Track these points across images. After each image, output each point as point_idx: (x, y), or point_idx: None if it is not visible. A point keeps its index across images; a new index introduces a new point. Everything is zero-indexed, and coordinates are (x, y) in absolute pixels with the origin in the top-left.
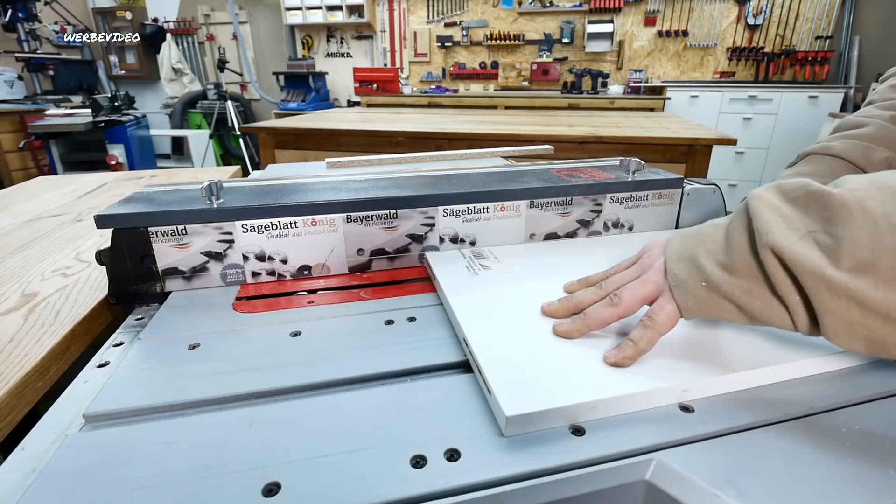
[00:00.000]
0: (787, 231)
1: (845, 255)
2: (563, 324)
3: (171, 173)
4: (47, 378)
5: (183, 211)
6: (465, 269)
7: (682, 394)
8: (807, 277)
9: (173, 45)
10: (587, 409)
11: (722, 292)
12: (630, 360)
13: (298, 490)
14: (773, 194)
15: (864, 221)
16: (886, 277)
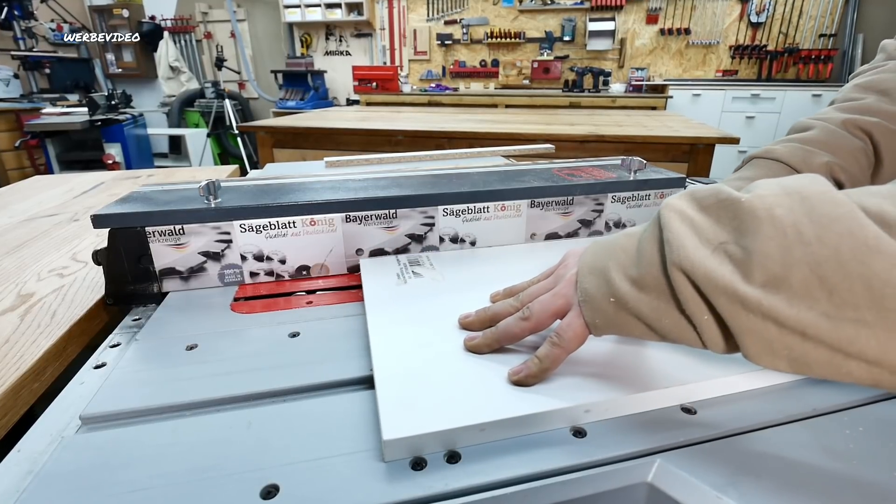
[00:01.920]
0: (698, 245)
1: (756, 268)
2: (475, 338)
3: (169, 172)
4: (44, 379)
5: (180, 210)
6: (395, 276)
7: (584, 414)
8: (719, 296)
9: (171, 44)
10: (476, 432)
11: (629, 309)
12: (534, 378)
13: (297, 492)
14: (685, 203)
15: (773, 231)
16: (799, 293)
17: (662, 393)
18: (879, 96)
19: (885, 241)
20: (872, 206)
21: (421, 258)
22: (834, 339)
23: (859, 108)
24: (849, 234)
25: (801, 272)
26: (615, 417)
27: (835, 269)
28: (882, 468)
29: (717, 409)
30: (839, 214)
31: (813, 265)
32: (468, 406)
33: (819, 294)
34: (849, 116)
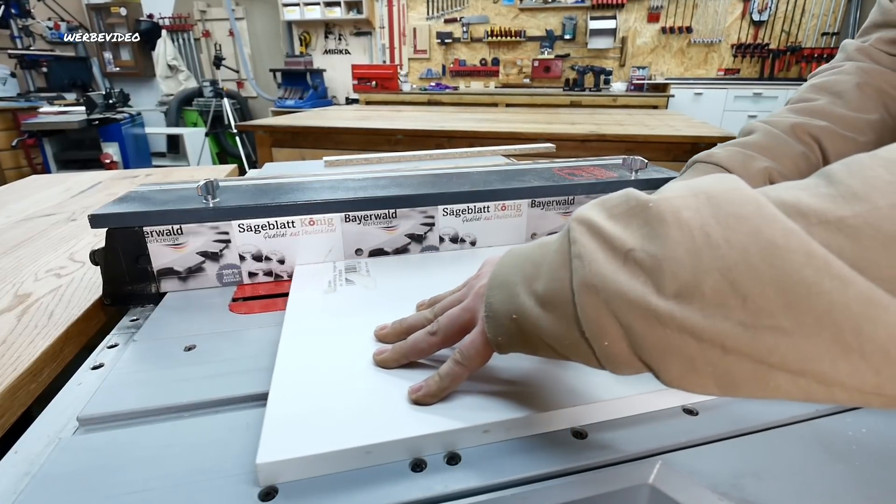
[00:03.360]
0: (607, 258)
1: (667, 277)
2: (384, 351)
3: (167, 172)
4: (41, 380)
5: (178, 210)
6: (326, 284)
7: (483, 435)
8: (632, 312)
9: (169, 42)
10: (362, 454)
11: (531, 328)
12: (432, 398)
13: (296, 494)
14: (595, 212)
15: (681, 236)
16: (713, 301)
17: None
18: (832, 98)
19: (796, 237)
20: (789, 198)
21: (359, 264)
22: (754, 350)
23: (811, 111)
24: (756, 232)
25: (711, 278)
26: (616, 418)
27: (745, 273)
28: (885, 469)
29: (719, 410)
30: (746, 213)
31: (723, 270)
32: (358, 427)
33: (733, 301)
34: (798, 121)
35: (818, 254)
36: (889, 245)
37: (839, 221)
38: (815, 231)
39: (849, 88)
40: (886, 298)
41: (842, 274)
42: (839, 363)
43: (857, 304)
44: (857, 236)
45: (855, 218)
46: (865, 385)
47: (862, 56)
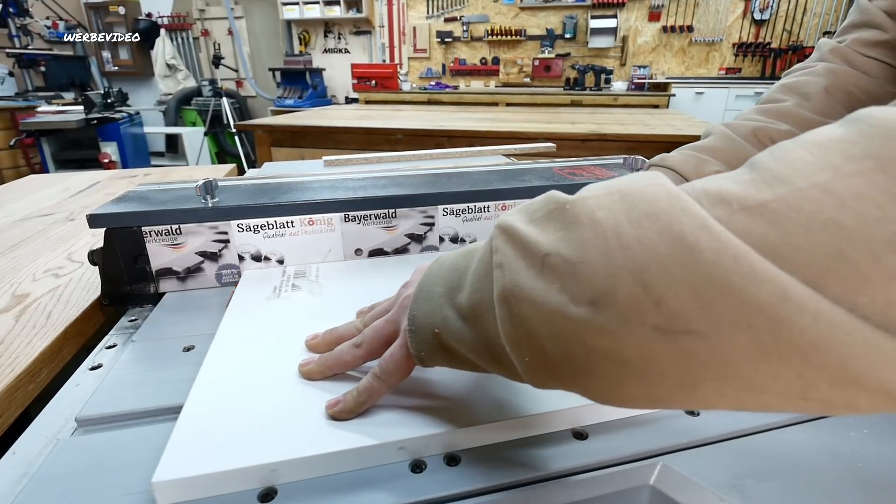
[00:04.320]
0: (525, 266)
1: (582, 284)
2: (309, 363)
3: (165, 172)
4: (39, 381)
5: (177, 210)
6: (271, 290)
7: (398, 452)
8: (551, 324)
9: (167, 41)
10: (266, 472)
11: (453, 342)
12: (348, 414)
13: (295, 496)
14: (517, 217)
15: (594, 237)
16: (628, 307)
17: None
18: (800, 100)
19: (707, 232)
20: (712, 188)
21: (309, 269)
22: (674, 358)
23: (776, 112)
24: (667, 230)
25: (625, 282)
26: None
27: (657, 275)
28: (887, 471)
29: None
30: (658, 209)
31: (635, 272)
32: (268, 443)
33: (647, 306)
34: (760, 125)
35: (728, 250)
36: (811, 227)
37: (761, 206)
38: (737, 218)
39: (816, 91)
40: (804, 293)
41: (755, 270)
42: (761, 367)
43: (771, 302)
44: (778, 220)
45: (776, 201)
46: (790, 390)
47: (835, 57)
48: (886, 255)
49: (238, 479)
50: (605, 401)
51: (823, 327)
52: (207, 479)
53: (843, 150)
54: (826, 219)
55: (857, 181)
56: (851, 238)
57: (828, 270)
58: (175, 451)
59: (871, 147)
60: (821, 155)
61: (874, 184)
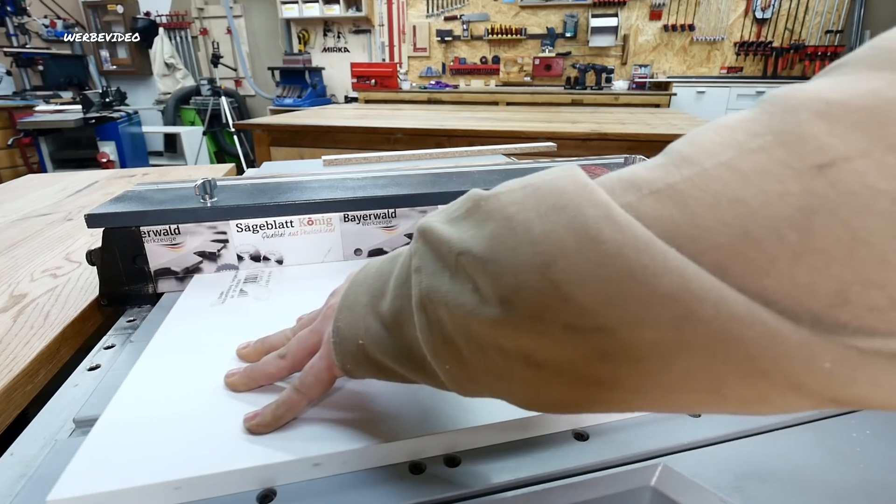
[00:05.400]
0: (440, 269)
1: (491, 282)
2: (235, 374)
3: (164, 171)
4: (37, 381)
5: (176, 210)
6: (218, 294)
7: (313, 469)
8: (465, 329)
9: (166, 40)
10: (169, 490)
11: (378, 353)
12: (265, 428)
13: (295, 498)
14: (438, 217)
15: (504, 234)
16: (537, 305)
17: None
18: None
19: (609, 223)
20: (626, 174)
21: (262, 274)
22: (587, 358)
23: None
24: (572, 223)
25: (533, 279)
26: (618, 420)
27: (564, 270)
28: (889, 472)
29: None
30: (566, 201)
31: (543, 268)
32: (179, 458)
33: (556, 303)
34: None
35: (630, 240)
36: (717, 206)
37: (669, 188)
38: (646, 202)
39: None
40: (706, 283)
41: (656, 261)
42: (671, 365)
43: (672, 294)
44: (685, 201)
45: (683, 182)
46: (704, 387)
47: None
48: (789, 233)
49: (140, 498)
50: (529, 406)
51: (725, 319)
52: (108, 497)
53: (747, 128)
54: (731, 197)
55: (759, 157)
56: (755, 216)
57: (734, 251)
58: (80, 466)
59: (771, 122)
60: (726, 135)
61: (775, 158)
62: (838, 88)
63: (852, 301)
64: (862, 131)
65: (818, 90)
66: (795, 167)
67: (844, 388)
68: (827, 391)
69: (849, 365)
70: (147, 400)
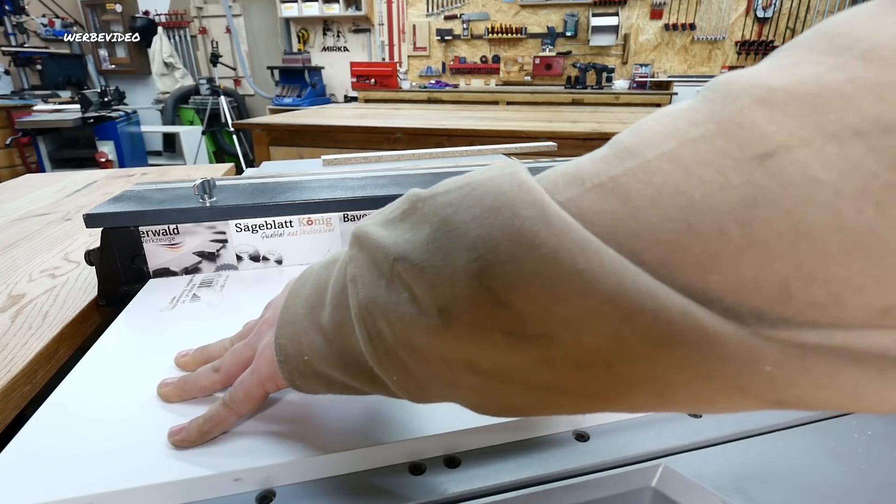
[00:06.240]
0: (375, 276)
1: (428, 291)
2: (168, 384)
3: (163, 171)
4: (35, 382)
5: (175, 210)
6: (170, 299)
7: (234, 484)
8: (402, 340)
9: (165, 39)
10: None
11: (325, 368)
12: (190, 443)
13: (295, 498)
14: (374, 220)
15: (440, 238)
16: (476, 314)
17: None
18: None
19: (546, 225)
20: (569, 168)
21: (217, 278)
22: (532, 365)
23: None
24: (506, 225)
25: (470, 286)
26: (618, 420)
27: (501, 276)
28: (891, 473)
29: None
30: (502, 202)
31: (479, 274)
32: (95, 471)
33: (495, 310)
34: None
35: (566, 243)
36: (659, 199)
37: (611, 181)
38: (588, 196)
39: None
40: (644, 286)
41: (593, 265)
42: (613, 369)
43: (611, 300)
44: (627, 195)
45: (625, 175)
46: (648, 390)
47: None
48: (731, 227)
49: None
50: (483, 412)
51: (664, 325)
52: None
53: (690, 117)
54: (673, 189)
55: (701, 146)
56: (697, 209)
57: (677, 246)
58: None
59: (713, 110)
60: (669, 124)
61: (716, 148)
62: (779, 74)
63: (795, 297)
64: (803, 119)
65: (759, 76)
66: (737, 157)
67: (787, 389)
68: (771, 393)
69: (790, 367)
70: (75, 411)
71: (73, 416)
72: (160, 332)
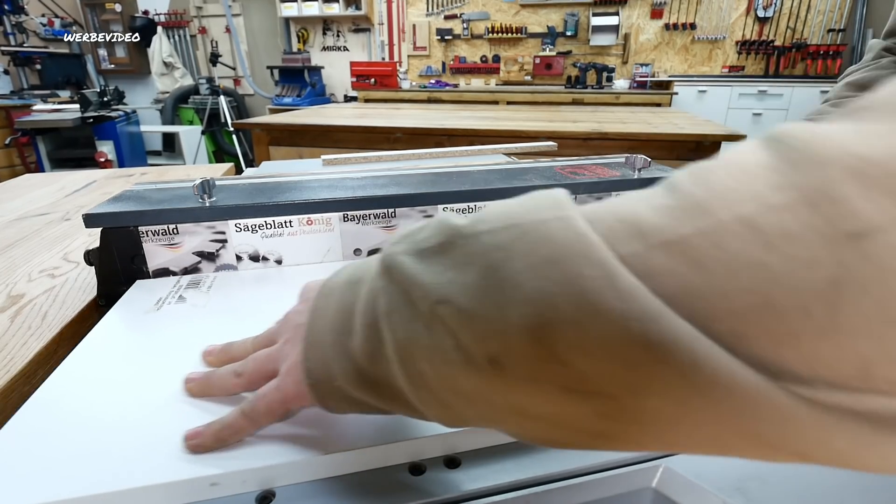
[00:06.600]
0: (414, 316)
1: (477, 340)
2: (194, 379)
3: (162, 171)
4: (34, 382)
5: (174, 209)
6: (155, 301)
7: (233, 484)
8: (446, 386)
9: (164, 39)
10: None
11: (357, 392)
12: (204, 449)
13: (294, 498)
14: (405, 249)
15: (489, 285)
16: (531, 367)
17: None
18: None
19: (612, 289)
20: (627, 213)
21: (205, 279)
22: (588, 416)
23: None
24: (569, 283)
25: (526, 341)
26: None
27: (560, 334)
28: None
29: None
30: (560, 254)
31: (536, 330)
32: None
33: (552, 367)
34: None
35: (635, 312)
36: (735, 269)
37: (682, 241)
38: (655, 255)
39: None
40: (719, 362)
41: (663, 335)
42: (677, 427)
43: (682, 372)
44: (700, 260)
45: (697, 236)
46: (707, 445)
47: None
48: (816, 307)
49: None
50: (529, 442)
51: (738, 401)
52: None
53: (768, 178)
54: (751, 260)
55: (784, 216)
56: (779, 284)
57: (753, 321)
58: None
59: (796, 176)
60: (743, 180)
61: (801, 220)
62: (872, 142)
63: (874, 376)
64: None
65: (847, 141)
66: (825, 233)
67: (854, 461)
68: (835, 462)
69: (862, 442)
70: (53, 415)
71: (49, 421)
72: (143, 335)
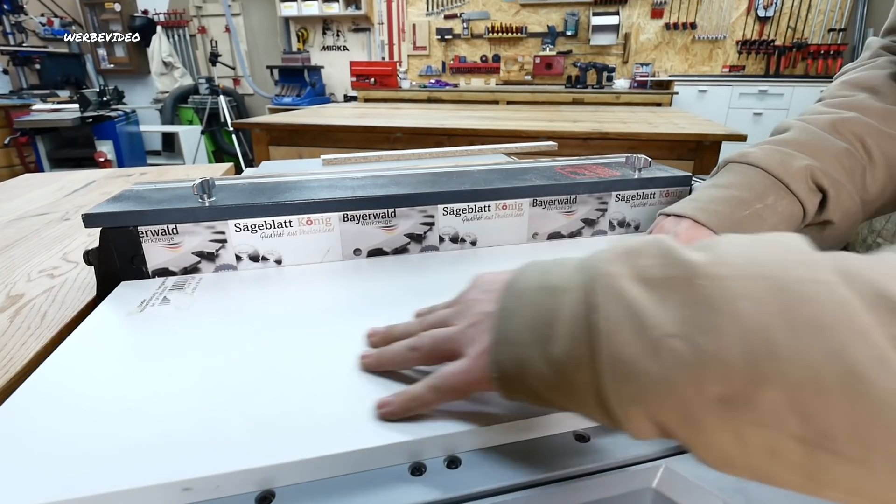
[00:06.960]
0: (637, 340)
1: (712, 380)
2: (369, 356)
3: (162, 170)
4: None
5: (174, 209)
6: (139, 303)
7: (233, 484)
8: (662, 406)
9: (164, 38)
10: None
11: (547, 391)
12: (393, 416)
13: (294, 499)
14: (626, 271)
15: (736, 334)
16: (766, 415)
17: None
18: (869, 94)
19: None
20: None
21: (189, 281)
22: (807, 465)
23: (850, 106)
24: (836, 354)
25: (770, 393)
26: None
27: (813, 396)
28: None
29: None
30: (825, 321)
31: (786, 387)
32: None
33: (791, 418)
34: (836, 117)
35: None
36: None
37: None
38: None
39: (883, 82)
40: None
41: None
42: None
43: None
44: None
45: None
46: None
47: (889, 54)
48: None
49: None
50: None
51: None
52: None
53: None
54: None
55: None
56: None
57: None
58: None
59: None
60: None
61: None
62: None
63: None
64: None
65: None
66: None
67: None
68: None
69: None
70: (30, 418)
71: (26, 423)
72: (123, 338)
